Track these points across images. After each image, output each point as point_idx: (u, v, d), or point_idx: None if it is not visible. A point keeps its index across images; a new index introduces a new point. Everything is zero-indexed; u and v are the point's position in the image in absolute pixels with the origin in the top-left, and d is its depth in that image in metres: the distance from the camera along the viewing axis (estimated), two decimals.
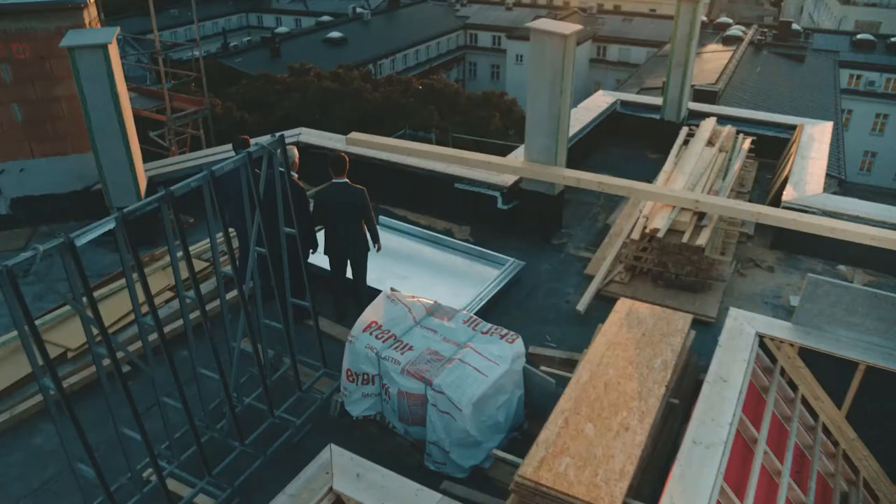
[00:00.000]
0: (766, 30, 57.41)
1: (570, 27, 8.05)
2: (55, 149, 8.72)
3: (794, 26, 58.59)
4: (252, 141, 6.27)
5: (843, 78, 51.60)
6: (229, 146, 8.90)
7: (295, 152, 6.75)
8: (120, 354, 5.04)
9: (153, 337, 5.59)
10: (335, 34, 55.09)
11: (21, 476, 5.32)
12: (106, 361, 4.59)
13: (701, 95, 22.57)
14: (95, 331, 4.40)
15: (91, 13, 8.52)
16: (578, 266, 8.21)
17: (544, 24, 8.22)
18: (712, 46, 54.24)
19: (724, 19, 63.63)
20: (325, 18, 63.94)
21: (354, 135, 9.64)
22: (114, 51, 7.49)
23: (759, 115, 11.49)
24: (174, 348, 5.54)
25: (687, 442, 4.65)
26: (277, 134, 5.55)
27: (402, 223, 8.86)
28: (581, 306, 7.18)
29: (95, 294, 5.37)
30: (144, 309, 5.00)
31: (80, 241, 4.11)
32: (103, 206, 8.52)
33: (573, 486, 4.47)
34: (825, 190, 8.67)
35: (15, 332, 6.36)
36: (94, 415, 5.47)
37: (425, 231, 8.68)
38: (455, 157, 9.10)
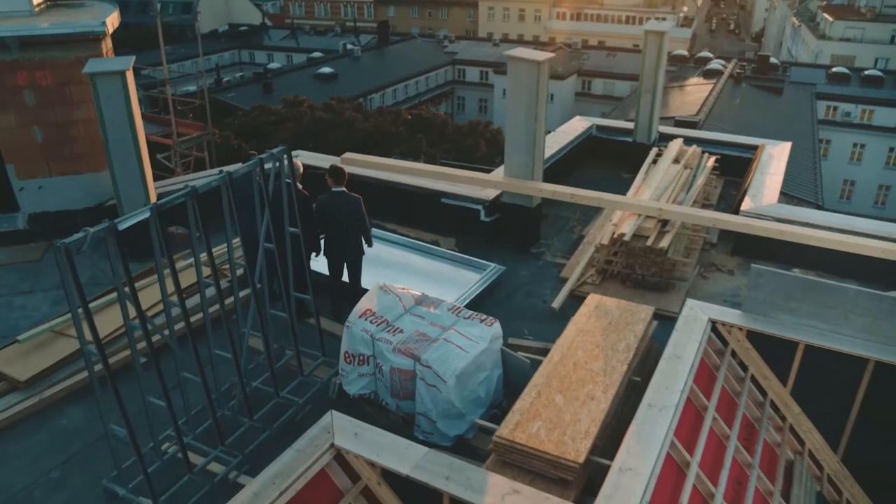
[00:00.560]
0: (745, 63, 59.17)
1: (543, 55, 8.90)
2: (71, 168, 9.43)
3: (772, 60, 60.38)
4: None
5: (821, 109, 53.04)
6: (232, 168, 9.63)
7: (300, 164, 7.47)
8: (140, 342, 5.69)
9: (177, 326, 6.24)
10: (326, 70, 56.35)
11: (49, 450, 5.92)
12: (138, 347, 5.23)
13: (682, 126, 23.58)
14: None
15: (107, 44, 9.30)
16: (555, 271, 8.94)
17: (520, 52, 9.07)
18: (694, 80, 55.87)
19: (704, 54, 65.44)
20: (316, 55, 65.39)
21: (348, 155, 10.38)
22: (130, 77, 8.25)
23: (724, 137, 12.38)
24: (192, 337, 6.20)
25: (643, 406, 5.34)
26: (283, 146, 6.30)
27: (391, 234, 9.58)
28: (556, 304, 7.89)
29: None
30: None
31: (122, 226, 4.75)
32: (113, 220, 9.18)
33: (544, 443, 5.14)
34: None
35: (39, 329, 7.03)
36: (123, 391, 6.08)
37: (414, 241, 9.40)
38: (441, 174, 9.87)
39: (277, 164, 6.13)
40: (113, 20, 9.11)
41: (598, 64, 64.54)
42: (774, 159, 10.85)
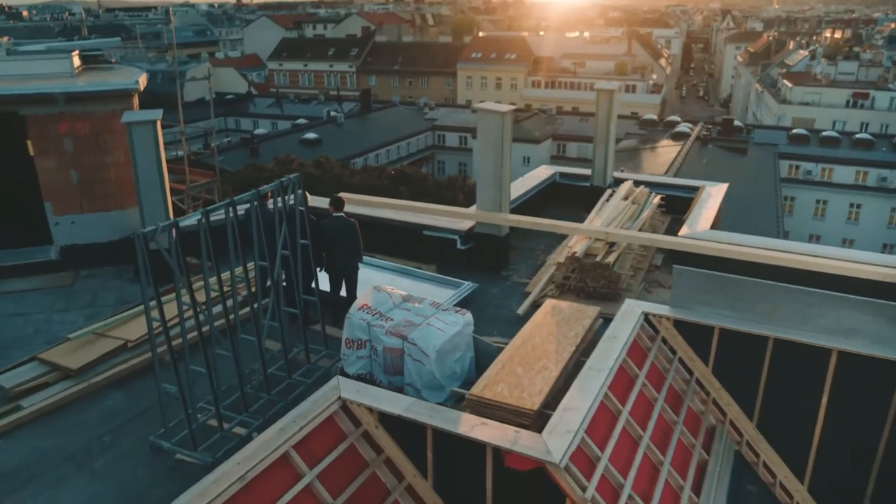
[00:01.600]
0: (711, 126, 62.13)
1: (506, 107, 10.58)
2: (101, 205, 10.85)
3: (736, 123, 63.58)
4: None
5: (784, 168, 55.74)
6: None
7: (307, 194, 8.93)
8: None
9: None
10: (311, 135, 58.50)
11: (99, 423, 7.17)
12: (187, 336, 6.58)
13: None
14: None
15: (136, 100, 10.85)
16: (521, 289, 10.38)
17: (487, 105, 10.75)
18: (664, 142, 58.71)
19: (673, 118, 68.61)
20: (301, 121, 67.74)
21: (341, 195, 11.89)
22: (158, 126, 9.77)
23: (670, 180, 14.10)
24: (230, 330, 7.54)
25: (584, 369, 6.74)
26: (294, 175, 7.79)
27: (379, 260, 11.01)
28: (521, 310, 9.33)
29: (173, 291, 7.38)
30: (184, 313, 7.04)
31: (183, 223, 6.16)
32: (133, 254, 10.58)
33: (507, 398, 6.50)
34: None
35: (84, 330, 8.34)
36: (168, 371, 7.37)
37: (399, 265, 10.84)
38: (423, 209, 11.40)
39: (293, 187, 7.61)
40: (143, 80, 10.68)
41: (573, 128, 67.27)
42: (712, 197, 12.51)
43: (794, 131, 59.79)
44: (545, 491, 5.57)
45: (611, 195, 12.68)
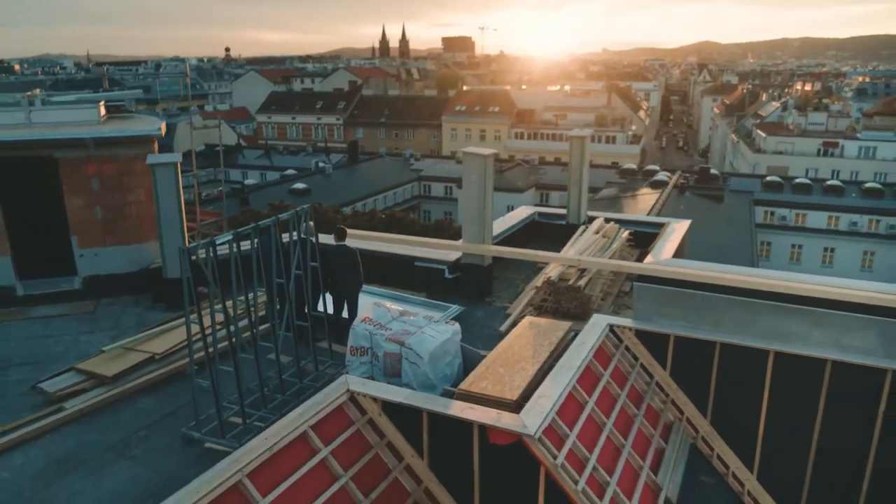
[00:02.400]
0: (688, 175, 64.32)
1: (488, 151, 11.87)
2: (122, 240, 11.96)
3: (713, 171, 65.94)
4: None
5: (759, 214, 57.70)
6: None
7: (313, 226, 10.10)
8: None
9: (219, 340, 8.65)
10: (300, 185, 60.01)
11: (133, 421, 8.16)
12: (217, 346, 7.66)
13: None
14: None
15: (156, 145, 12.05)
16: (503, 312, 11.52)
17: (472, 149, 12.04)
18: (643, 190, 60.69)
19: (652, 167, 70.90)
20: (290, 172, 69.41)
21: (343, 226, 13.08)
22: (178, 168, 10.97)
23: (638, 217, 15.39)
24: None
25: (556, 367, 7.87)
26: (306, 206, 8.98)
27: (375, 289, 12.13)
28: (503, 328, 10.46)
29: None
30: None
31: (218, 241, 7.30)
32: (150, 283, 11.72)
33: (490, 391, 7.61)
34: None
35: (116, 344, 9.39)
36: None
37: (392, 292, 11.96)
38: (414, 242, 12.60)
39: (305, 217, 8.79)
40: (163, 127, 11.90)
41: (555, 178, 69.19)
42: (675, 231, 13.80)
43: (768, 178, 62.06)
44: (523, 463, 6.65)
45: (584, 230, 13.94)
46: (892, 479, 8.11)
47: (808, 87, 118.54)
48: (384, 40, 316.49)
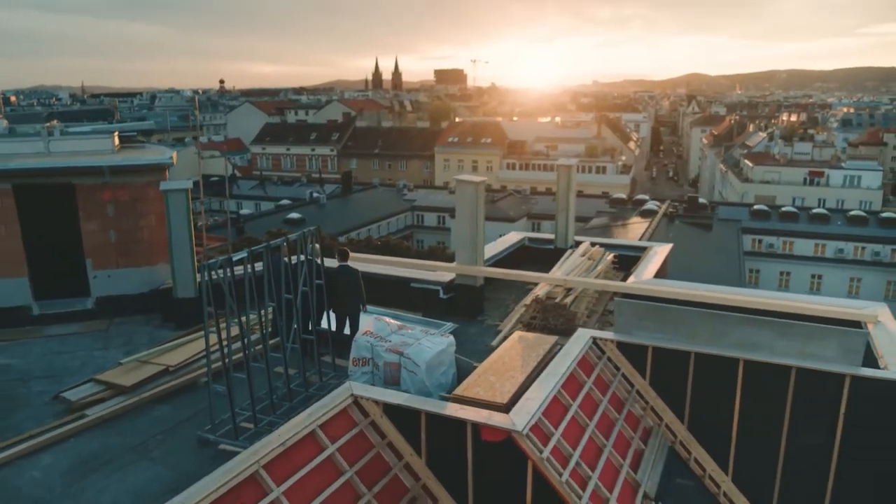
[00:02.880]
0: (677, 204, 65.41)
1: (479, 178, 12.67)
2: (134, 262, 12.63)
3: (701, 200, 67.05)
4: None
5: (748, 242, 58.68)
6: None
7: (318, 248, 10.80)
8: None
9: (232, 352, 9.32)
10: (294, 215, 60.75)
11: (150, 427, 8.78)
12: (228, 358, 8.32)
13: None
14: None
15: (167, 173, 12.77)
16: (494, 329, 12.20)
17: (464, 176, 12.83)
18: (633, 219, 61.70)
19: (641, 196, 72.05)
20: (284, 202, 70.23)
21: (346, 248, 13.79)
22: (189, 194, 11.69)
23: (622, 242, 16.16)
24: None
25: (542, 375, 8.55)
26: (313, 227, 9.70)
27: (373, 308, 12.80)
28: (495, 342, 11.14)
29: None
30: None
31: (235, 258, 7.99)
32: (160, 304, 12.38)
33: (482, 396, 8.27)
34: None
35: (132, 357, 10.02)
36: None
37: (389, 311, 12.63)
38: (411, 264, 13.32)
39: (312, 238, 9.51)
40: (174, 157, 12.64)
41: (546, 207, 70.07)
42: (657, 254, 14.58)
43: (756, 207, 63.17)
44: (512, 459, 7.31)
45: (571, 254, 14.70)
46: (853, 476, 8.77)
47: (794, 118, 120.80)
48: (377, 73, 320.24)
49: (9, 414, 9.12)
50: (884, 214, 60.42)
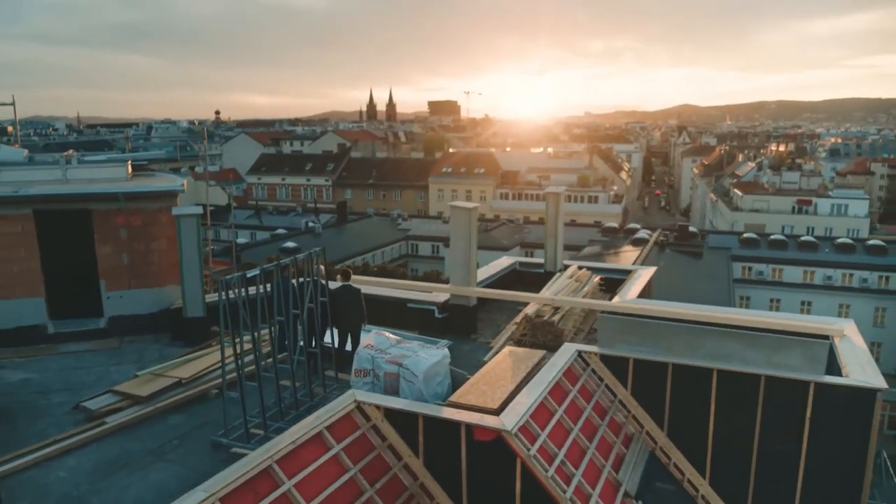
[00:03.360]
0: (668, 232, 66.45)
1: (472, 205, 13.46)
2: (145, 283, 13.32)
3: (691, 229, 68.13)
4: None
5: (738, 270, 59.56)
6: None
7: (322, 269, 11.53)
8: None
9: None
10: (290, 244, 61.49)
11: (166, 433, 9.42)
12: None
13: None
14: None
15: (178, 199, 13.53)
16: (487, 346, 12.91)
17: (459, 203, 13.63)
18: (625, 248, 62.66)
19: (633, 225, 73.15)
20: (280, 231, 71.04)
21: (348, 268, 14.51)
22: (198, 220, 12.44)
23: (608, 265, 16.94)
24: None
25: (530, 383, 9.25)
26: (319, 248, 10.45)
27: (371, 327, 13.48)
28: (486, 358, 11.84)
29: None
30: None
31: (249, 274, 8.71)
32: (169, 324, 13.05)
33: (475, 402, 8.96)
34: None
35: (147, 370, 10.69)
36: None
37: (387, 329, 13.32)
38: (407, 286, 14.05)
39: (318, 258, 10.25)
40: (185, 184, 13.41)
41: (539, 236, 70.65)
42: (641, 276, 15.34)
43: (745, 235, 64.25)
44: (502, 457, 7.99)
45: (559, 276, 15.45)
46: (819, 476, 9.45)
47: (782, 148, 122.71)
48: (371, 104, 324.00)
49: (32, 422, 9.75)
50: (870, 242, 61.52)
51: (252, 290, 8.97)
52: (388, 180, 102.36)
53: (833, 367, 10.00)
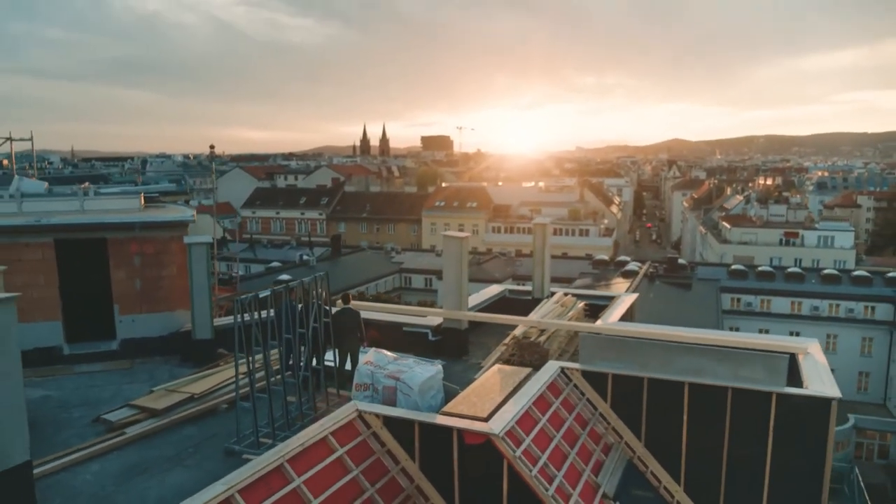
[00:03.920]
0: (657, 264, 67.46)
1: (464, 234, 14.42)
2: (156, 308, 14.16)
3: (680, 261, 69.14)
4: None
5: (727, 301, 60.47)
6: None
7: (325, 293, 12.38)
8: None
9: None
10: (284, 277, 62.16)
11: (181, 443, 10.19)
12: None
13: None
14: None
15: (189, 229, 14.43)
16: (478, 367, 13.75)
17: (451, 232, 14.58)
18: (615, 280, 63.55)
19: (623, 258, 74.24)
20: (275, 264, 71.82)
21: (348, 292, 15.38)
22: (209, 248, 13.34)
23: (593, 291, 17.88)
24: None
25: (516, 395, 10.10)
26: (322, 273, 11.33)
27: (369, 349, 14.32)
28: (477, 376, 12.66)
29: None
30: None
31: (261, 295, 9.59)
32: (178, 346, 13.86)
33: (466, 412, 9.80)
34: None
35: (161, 386, 11.49)
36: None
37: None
38: (403, 310, 14.92)
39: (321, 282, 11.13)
40: (195, 215, 14.34)
41: (531, 269, 71.51)
42: (623, 302, 16.27)
43: (733, 267, 65.28)
44: (490, 459, 8.81)
45: (546, 302, 16.35)
46: (783, 479, 10.28)
47: (769, 182, 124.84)
48: (365, 139, 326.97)
49: (56, 434, 10.52)
50: (856, 273, 62.64)
51: (261, 310, 9.83)
52: (382, 214, 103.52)
53: (797, 380, 10.89)
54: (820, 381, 10.59)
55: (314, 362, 11.29)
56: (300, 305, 10.84)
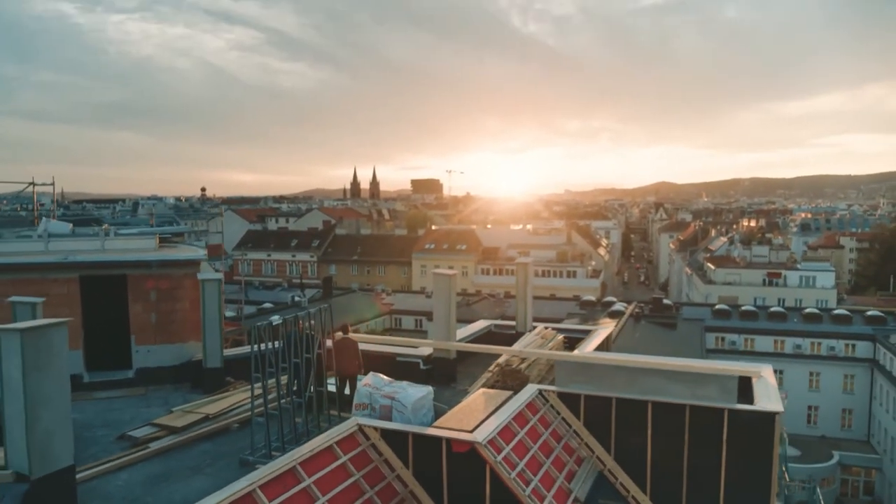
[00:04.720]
0: (643, 304, 68.90)
1: (452, 272, 15.82)
2: (169, 339, 15.40)
3: (665, 301, 70.60)
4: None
5: (711, 340, 61.80)
6: None
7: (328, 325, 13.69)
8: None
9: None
10: (276, 318, 63.03)
11: (199, 457, 11.39)
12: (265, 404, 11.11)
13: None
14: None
15: (201, 266, 15.76)
16: (465, 393, 15.01)
17: (439, 270, 15.99)
18: (602, 320, 64.70)
19: (609, 298, 75.70)
20: (267, 305, 72.76)
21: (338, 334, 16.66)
22: (221, 284, 14.67)
23: (571, 326, 19.25)
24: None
25: (498, 412, 11.39)
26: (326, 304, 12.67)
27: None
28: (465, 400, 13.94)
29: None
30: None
31: (274, 323, 10.91)
32: (189, 374, 15.09)
33: (453, 425, 11.07)
34: None
35: (179, 407, 12.71)
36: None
37: None
38: (396, 341, 16.23)
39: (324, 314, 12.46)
40: (205, 252, 15.69)
41: None
42: (599, 334, 17.65)
43: (718, 307, 66.76)
44: (475, 465, 10.07)
45: (528, 334, 17.70)
46: (736, 485, 11.55)
47: (753, 223, 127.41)
48: (355, 182, 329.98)
49: (84, 450, 11.66)
50: (836, 311, 64.27)
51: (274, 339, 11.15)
52: (373, 256, 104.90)
53: (749, 400, 12.24)
54: (767, 398, 11.95)
55: (318, 385, 12.56)
56: (306, 334, 12.14)
